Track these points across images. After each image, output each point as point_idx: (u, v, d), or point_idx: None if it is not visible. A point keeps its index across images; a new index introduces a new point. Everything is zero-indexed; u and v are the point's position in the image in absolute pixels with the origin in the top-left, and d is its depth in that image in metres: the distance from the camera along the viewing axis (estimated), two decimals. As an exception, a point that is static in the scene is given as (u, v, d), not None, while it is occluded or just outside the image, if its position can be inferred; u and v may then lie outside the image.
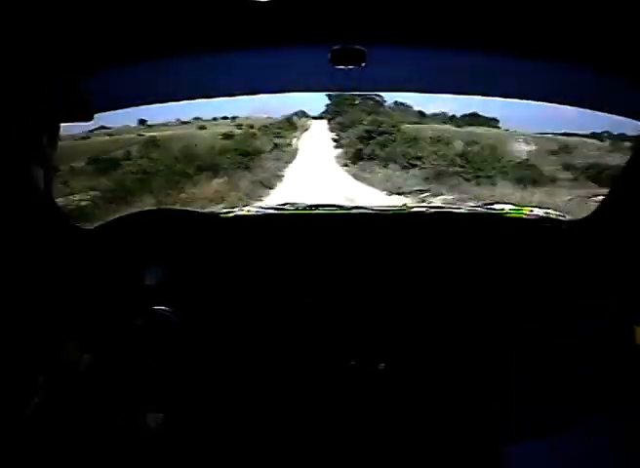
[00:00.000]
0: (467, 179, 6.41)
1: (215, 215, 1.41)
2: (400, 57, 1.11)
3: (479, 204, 1.68)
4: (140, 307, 1.12)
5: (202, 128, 7.88)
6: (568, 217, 1.49)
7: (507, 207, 1.60)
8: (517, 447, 1.06)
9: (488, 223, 1.46)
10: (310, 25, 0.99)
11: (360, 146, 7.39)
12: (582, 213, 1.46)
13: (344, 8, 0.93)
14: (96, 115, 1.18)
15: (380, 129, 7.31)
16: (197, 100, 1.34)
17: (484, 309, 1.31)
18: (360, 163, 7.29)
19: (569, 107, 1.29)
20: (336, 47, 1.05)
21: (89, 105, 1.26)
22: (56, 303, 1.09)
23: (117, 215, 1.31)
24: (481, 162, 6.63)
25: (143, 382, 1.14)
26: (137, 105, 1.38)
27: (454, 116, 7.39)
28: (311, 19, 0.97)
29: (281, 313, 1.25)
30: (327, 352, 1.31)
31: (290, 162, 7.56)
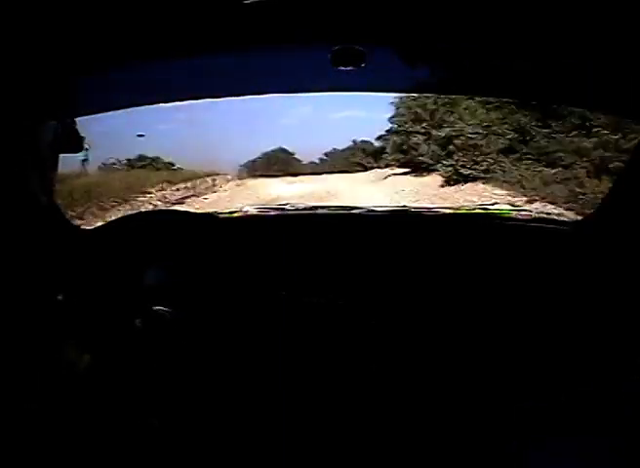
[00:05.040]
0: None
1: (214, 216, 1.41)
2: (400, 57, 1.11)
3: (478, 204, 1.69)
4: (139, 308, 1.12)
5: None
6: (568, 218, 1.50)
7: (507, 207, 1.60)
8: (525, 447, 1.06)
9: (487, 224, 1.46)
10: (310, 26, 0.99)
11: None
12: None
13: (344, 8, 0.93)
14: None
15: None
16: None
17: (484, 309, 1.31)
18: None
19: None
20: (336, 48, 1.05)
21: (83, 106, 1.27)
22: (55, 303, 1.09)
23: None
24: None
25: (143, 383, 1.14)
26: (135, 106, 1.38)
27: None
28: (311, 20, 0.97)
29: (282, 313, 1.25)
30: (327, 352, 1.31)
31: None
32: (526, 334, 1.28)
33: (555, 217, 1.48)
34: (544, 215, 1.49)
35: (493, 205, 1.62)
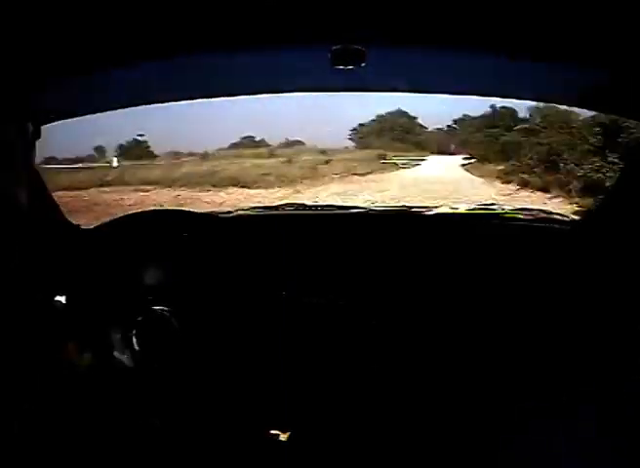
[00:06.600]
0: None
1: (214, 216, 1.41)
2: (400, 57, 1.11)
3: (477, 204, 1.68)
4: (139, 307, 1.12)
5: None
6: (568, 217, 1.49)
7: (506, 207, 1.60)
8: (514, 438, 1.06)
9: (488, 223, 1.46)
10: (310, 26, 0.99)
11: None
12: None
13: (344, 8, 0.93)
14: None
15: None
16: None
17: (485, 309, 1.31)
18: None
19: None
20: (336, 47, 1.05)
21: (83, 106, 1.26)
22: (55, 303, 1.09)
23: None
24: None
25: (144, 383, 1.14)
26: (135, 106, 1.38)
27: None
28: (311, 20, 0.97)
29: (282, 314, 1.25)
30: (327, 352, 1.31)
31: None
32: (527, 334, 1.27)
33: (557, 217, 1.48)
34: (546, 215, 1.49)
35: (492, 205, 1.61)
